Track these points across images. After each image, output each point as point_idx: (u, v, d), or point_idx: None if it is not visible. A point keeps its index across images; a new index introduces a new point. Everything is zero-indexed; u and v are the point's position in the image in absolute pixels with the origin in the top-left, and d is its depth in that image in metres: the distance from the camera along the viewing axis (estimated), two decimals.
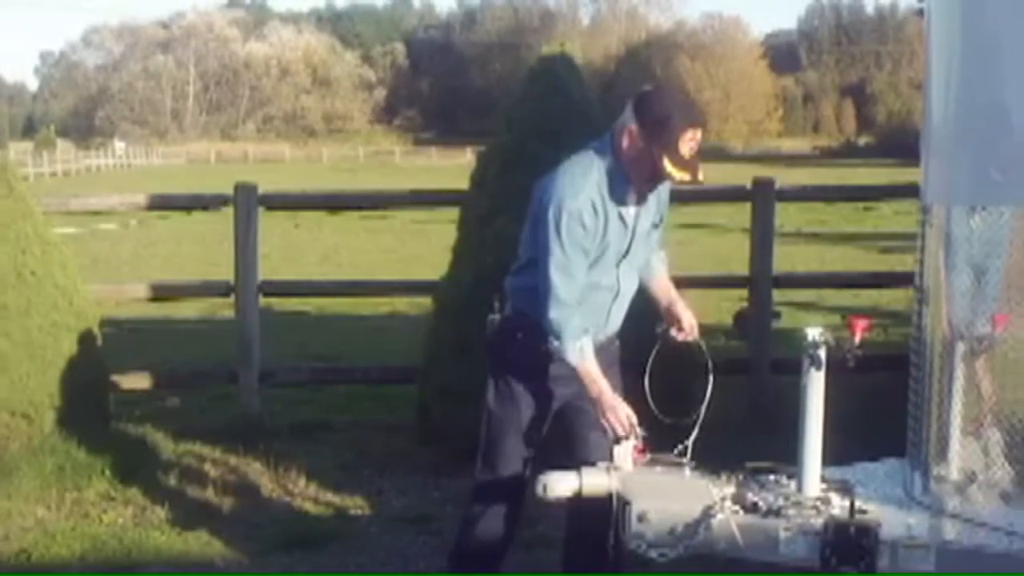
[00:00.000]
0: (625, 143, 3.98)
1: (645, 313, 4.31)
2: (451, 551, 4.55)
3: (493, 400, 4.28)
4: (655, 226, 4.27)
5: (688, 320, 4.17)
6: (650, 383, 4.16)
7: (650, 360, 4.18)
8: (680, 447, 3.99)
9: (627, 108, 4.01)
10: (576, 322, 4.00)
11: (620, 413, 3.96)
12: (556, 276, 3.97)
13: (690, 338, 4.18)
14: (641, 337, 4.26)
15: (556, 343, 4.00)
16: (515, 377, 4.21)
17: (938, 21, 4.26)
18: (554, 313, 3.98)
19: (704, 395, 4.12)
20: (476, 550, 4.39)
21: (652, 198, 4.17)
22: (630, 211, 4.09)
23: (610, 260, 4.09)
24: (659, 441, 3.99)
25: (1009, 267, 3.79)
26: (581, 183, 3.98)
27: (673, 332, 4.18)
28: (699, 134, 3.95)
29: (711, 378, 4.17)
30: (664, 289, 4.32)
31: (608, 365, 4.20)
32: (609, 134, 4.08)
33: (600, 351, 4.14)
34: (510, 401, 4.22)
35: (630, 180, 4.03)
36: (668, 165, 3.90)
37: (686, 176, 3.92)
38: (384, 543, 5.63)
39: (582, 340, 4.01)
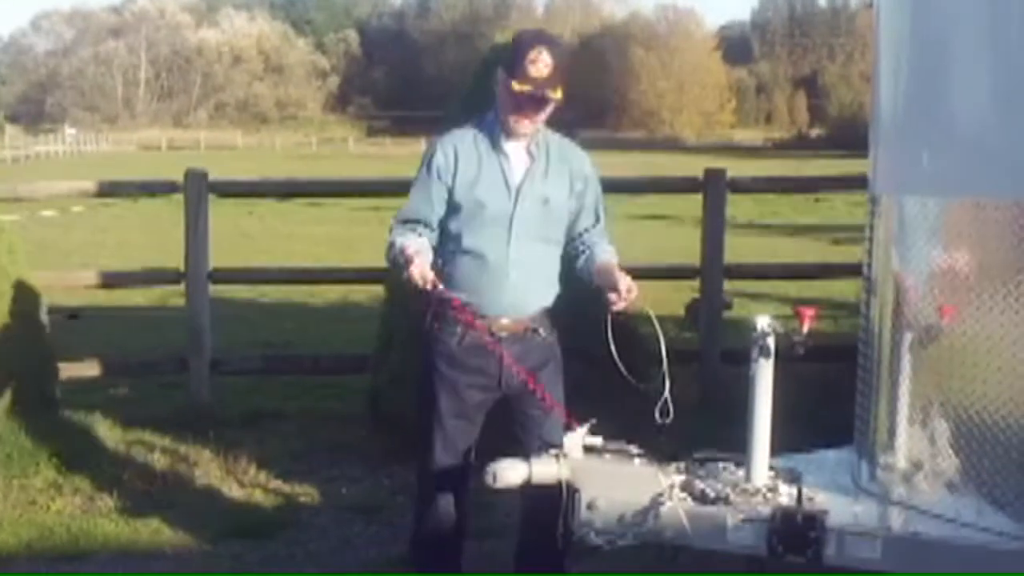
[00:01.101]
0: (498, 91, 4.09)
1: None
2: (410, 539, 4.56)
3: (427, 385, 4.24)
4: (578, 204, 4.24)
5: (624, 283, 3.99)
6: (609, 352, 4.04)
7: (608, 324, 4.00)
8: (659, 406, 3.91)
9: None
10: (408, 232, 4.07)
11: (415, 270, 3.85)
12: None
13: (622, 304, 3.99)
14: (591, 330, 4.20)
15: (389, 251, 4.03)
16: (447, 360, 4.17)
17: (887, 14, 4.30)
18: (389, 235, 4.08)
19: (661, 361, 4.04)
20: (431, 537, 4.37)
21: (556, 164, 4.16)
22: (515, 169, 4.10)
23: (493, 223, 4.06)
24: (606, 428, 3.99)
25: (956, 258, 3.82)
26: (455, 133, 4.15)
27: (613, 298, 4.00)
28: (545, 54, 3.95)
29: (663, 346, 4.01)
30: (603, 266, 4.19)
31: (540, 363, 4.17)
32: None
33: (521, 343, 4.13)
34: (444, 384, 4.18)
35: (506, 128, 4.08)
36: (514, 83, 3.96)
37: (527, 87, 3.95)
38: (334, 532, 5.62)
39: (406, 236, 4.04)
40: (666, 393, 3.90)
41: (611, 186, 8.89)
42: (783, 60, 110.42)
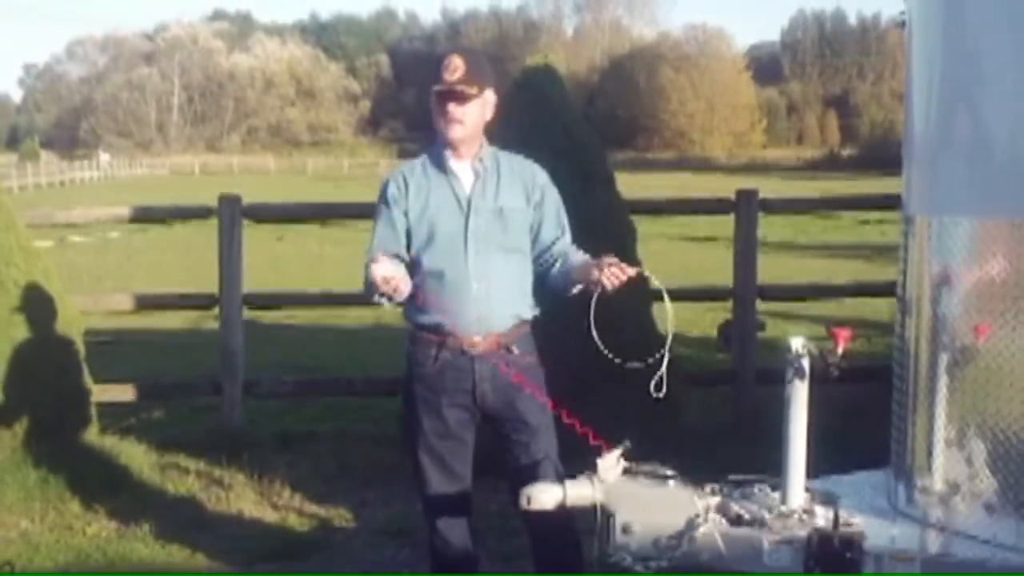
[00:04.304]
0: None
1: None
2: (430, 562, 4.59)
3: (410, 408, 4.32)
4: (538, 213, 4.28)
5: (608, 259, 3.96)
6: (598, 333, 3.99)
7: (592, 305, 3.94)
8: (654, 382, 3.87)
9: None
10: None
11: (375, 268, 3.94)
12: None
13: (609, 278, 3.91)
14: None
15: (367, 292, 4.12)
16: (424, 382, 4.24)
17: (919, 32, 4.28)
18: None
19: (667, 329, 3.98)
20: (444, 561, 4.42)
21: (507, 177, 4.25)
22: (464, 185, 4.21)
23: (449, 240, 4.14)
24: (640, 450, 3.98)
25: (991, 277, 3.80)
26: (404, 165, 4.33)
27: (595, 274, 3.94)
28: (456, 59, 4.14)
29: (669, 307, 4.04)
30: (581, 263, 4.18)
31: (517, 384, 4.17)
32: None
33: (494, 361, 4.15)
34: (425, 406, 4.25)
35: (449, 147, 4.20)
36: (433, 88, 4.14)
37: (440, 86, 4.11)
38: (367, 555, 5.62)
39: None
40: (663, 369, 3.87)
41: (643, 207, 8.93)
42: (813, 80, 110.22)
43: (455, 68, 4.10)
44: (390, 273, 3.94)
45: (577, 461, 3.88)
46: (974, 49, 3.95)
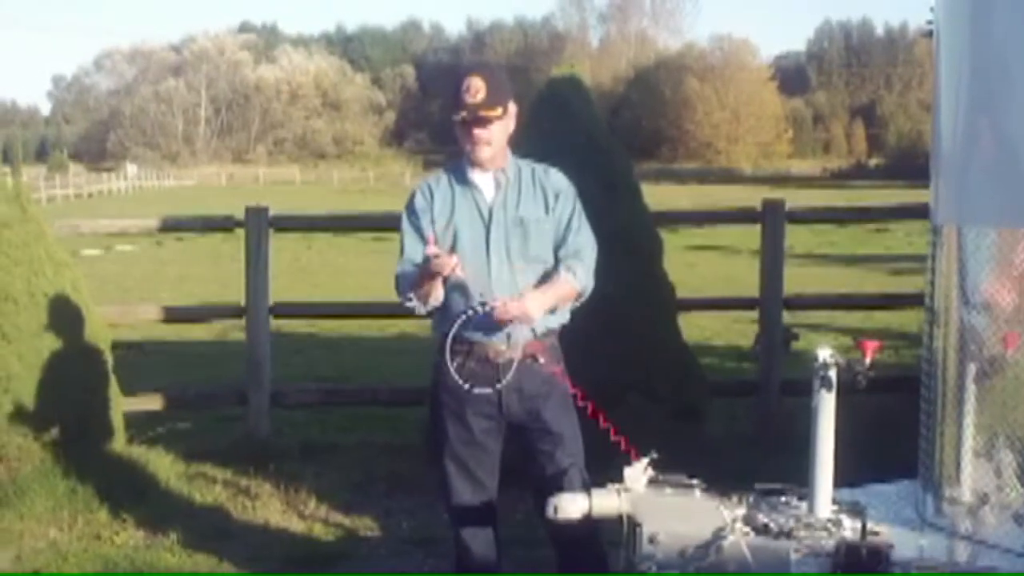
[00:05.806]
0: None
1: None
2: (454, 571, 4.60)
3: (436, 416, 4.36)
4: (553, 219, 4.28)
5: (509, 300, 4.05)
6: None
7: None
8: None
9: None
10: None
11: (433, 254, 4.00)
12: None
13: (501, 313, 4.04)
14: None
15: (401, 297, 4.25)
16: (451, 391, 4.24)
17: (947, 42, 4.27)
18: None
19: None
20: (469, 568, 4.44)
21: (528, 187, 4.28)
22: (486, 197, 4.24)
23: (472, 251, 4.15)
24: (666, 460, 3.97)
25: (1020, 287, 3.78)
26: (430, 177, 4.37)
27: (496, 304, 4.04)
28: (475, 80, 4.13)
29: None
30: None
31: (542, 393, 4.22)
32: None
33: (518, 370, 4.15)
34: (450, 414, 4.29)
35: (472, 163, 4.23)
36: (455, 115, 4.16)
37: (464, 114, 4.13)
38: (392, 565, 5.62)
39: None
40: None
41: (669, 218, 8.93)
42: (840, 89, 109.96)
43: (476, 90, 4.11)
44: (449, 259, 3.98)
45: (603, 471, 3.88)
46: (1001, 59, 3.94)
